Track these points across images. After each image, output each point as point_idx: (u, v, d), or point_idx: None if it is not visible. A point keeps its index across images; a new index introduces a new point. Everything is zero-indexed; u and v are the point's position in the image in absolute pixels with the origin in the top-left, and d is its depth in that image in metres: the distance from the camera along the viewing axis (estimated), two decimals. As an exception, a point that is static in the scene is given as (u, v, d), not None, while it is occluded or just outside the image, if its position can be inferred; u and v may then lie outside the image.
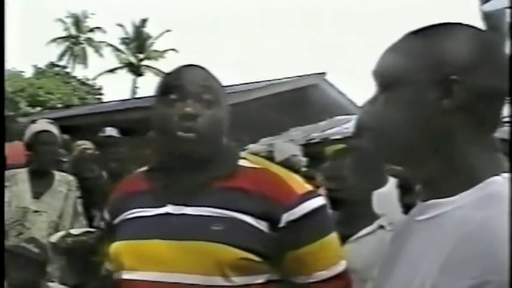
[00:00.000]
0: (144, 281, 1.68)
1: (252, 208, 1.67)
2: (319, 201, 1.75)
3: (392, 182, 3.16)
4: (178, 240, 1.67)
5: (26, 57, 43.39)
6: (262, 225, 1.67)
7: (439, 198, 1.10)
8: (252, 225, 1.66)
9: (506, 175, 1.06)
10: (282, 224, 1.67)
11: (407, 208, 2.61)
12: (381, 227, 2.53)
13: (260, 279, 1.68)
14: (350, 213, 2.59)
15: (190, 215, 1.69)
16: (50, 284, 3.50)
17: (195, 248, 1.65)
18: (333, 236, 1.77)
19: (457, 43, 1.10)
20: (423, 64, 1.10)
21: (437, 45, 1.11)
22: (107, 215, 1.93)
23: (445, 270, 0.99)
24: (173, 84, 1.76)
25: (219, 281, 1.63)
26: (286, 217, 1.67)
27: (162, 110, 1.74)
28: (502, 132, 1.20)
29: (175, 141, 1.71)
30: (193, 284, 1.62)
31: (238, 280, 1.64)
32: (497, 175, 1.06)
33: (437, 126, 1.10)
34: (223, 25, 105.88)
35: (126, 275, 1.74)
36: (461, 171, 1.09)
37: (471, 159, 1.09)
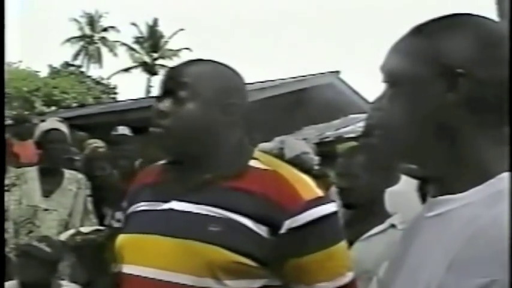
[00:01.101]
0: (139, 276, 1.66)
1: (253, 211, 1.61)
2: (327, 208, 1.66)
3: (405, 180, 3.12)
4: (175, 238, 1.64)
5: (41, 57, 43.63)
6: (261, 230, 1.61)
7: (448, 194, 1.08)
8: (249, 229, 1.61)
9: None
10: (283, 231, 1.60)
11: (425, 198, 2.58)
12: (392, 225, 2.49)
13: (256, 284, 1.62)
14: (361, 211, 2.55)
15: (191, 212, 1.65)
16: (61, 281, 3.50)
17: (188, 247, 1.61)
18: (340, 246, 1.69)
19: (460, 35, 1.08)
20: (426, 58, 1.08)
21: (440, 38, 1.08)
22: (125, 206, 1.91)
23: (452, 268, 0.97)
24: (160, 84, 1.77)
25: (210, 283, 1.58)
26: (289, 224, 1.60)
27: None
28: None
29: (151, 138, 1.72)
30: (184, 284, 1.59)
31: (231, 284, 1.59)
32: (509, 171, 1.03)
33: (444, 121, 1.07)
34: (237, 24, 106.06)
35: (125, 269, 1.73)
36: (471, 167, 1.06)
37: (481, 153, 1.06)
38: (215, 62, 1.79)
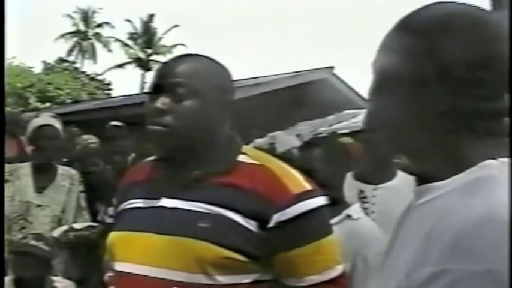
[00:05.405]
0: (131, 273, 1.67)
1: (242, 206, 1.62)
2: (316, 201, 1.68)
3: (401, 175, 3.12)
4: (167, 235, 1.64)
5: (35, 53, 43.56)
6: (250, 225, 1.61)
7: (432, 182, 1.07)
8: (239, 224, 1.61)
9: (505, 159, 1.02)
10: (271, 224, 1.61)
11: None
12: (348, 216, 2.51)
13: (247, 279, 1.63)
14: None
15: (181, 209, 1.66)
16: (54, 277, 3.49)
17: (179, 243, 1.62)
18: (329, 239, 1.70)
19: (459, 32, 1.05)
20: (426, 57, 1.05)
21: (438, 36, 1.05)
22: (115, 203, 1.92)
23: (417, 256, 0.98)
24: (153, 80, 1.76)
25: (201, 279, 1.59)
26: (277, 218, 1.61)
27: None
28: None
29: (150, 135, 1.71)
30: (176, 281, 1.60)
31: (222, 279, 1.59)
32: (493, 158, 1.02)
33: (437, 117, 1.06)
34: (231, 20, 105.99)
35: (116, 266, 1.73)
36: (453, 155, 1.06)
37: (463, 143, 1.06)
38: (205, 57, 1.80)
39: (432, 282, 0.92)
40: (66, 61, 37.89)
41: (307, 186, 1.69)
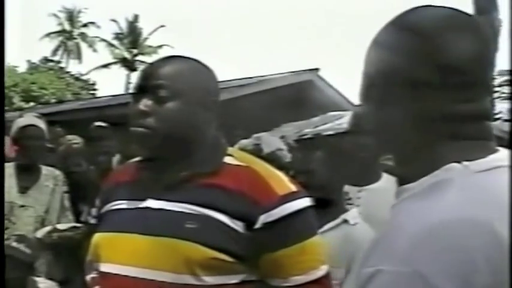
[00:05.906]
0: (116, 274, 1.68)
1: (228, 207, 1.64)
2: (302, 202, 1.70)
3: (386, 177, 3.12)
4: (153, 236, 1.65)
5: (20, 52, 43.34)
6: (237, 225, 1.63)
7: (404, 184, 1.10)
8: (226, 225, 1.63)
9: (468, 162, 1.03)
10: (258, 225, 1.63)
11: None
12: (345, 221, 2.52)
13: (234, 280, 1.64)
14: (318, 207, 2.56)
15: (167, 210, 1.67)
16: (36, 278, 3.46)
17: (166, 244, 1.63)
18: (314, 240, 1.72)
19: (457, 34, 1.06)
20: (425, 59, 1.06)
21: (437, 37, 1.06)
22: (98, 204, 1.93)
23: (364, 257, 1.03)
24: (137, 82, 1.77)
25: (188, 279, 1.60)
26: (264, 218, 1.63)
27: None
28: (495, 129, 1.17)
29: (132, 136, 1.72)
30: (162, 281, 1.61)
31: (209, 280, 1.61)
32: (458, 162, 1.03)
33: (434, 121, 1.07)
34: (218, 21, 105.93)
35: (102, 267, 1.74)
36: (428, 156, 1.07)
37: (438, 144, 1.07)
38: (190, 58, 1.80)
39: (369, 282, 0.96)
40: (51, 61, 37.74)
41: (293, 187, 1.71)
